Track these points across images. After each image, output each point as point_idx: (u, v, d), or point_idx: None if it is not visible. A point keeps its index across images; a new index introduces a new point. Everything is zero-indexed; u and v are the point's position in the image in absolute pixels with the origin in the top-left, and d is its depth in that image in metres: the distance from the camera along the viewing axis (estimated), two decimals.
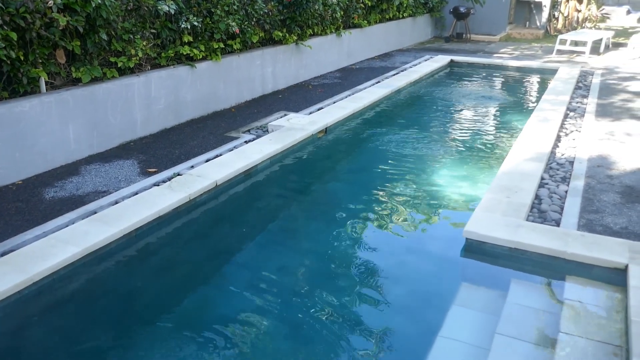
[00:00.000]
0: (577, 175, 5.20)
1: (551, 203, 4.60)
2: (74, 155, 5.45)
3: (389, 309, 3.54)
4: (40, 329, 3.23)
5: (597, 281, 3.58)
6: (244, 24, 7.46)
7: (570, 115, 7.41)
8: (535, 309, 3.40)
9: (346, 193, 5.36)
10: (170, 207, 4.42)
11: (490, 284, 3.78)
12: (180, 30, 6.56)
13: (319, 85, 9.15)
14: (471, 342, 3.20)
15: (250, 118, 7.14)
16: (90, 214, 4.27)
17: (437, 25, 15.79)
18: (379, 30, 12.21)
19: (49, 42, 5.03)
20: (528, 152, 5.68)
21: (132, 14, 5.94)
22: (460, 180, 5.49)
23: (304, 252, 4.23)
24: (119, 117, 5.90)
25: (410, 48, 13.71)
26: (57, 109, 5.19)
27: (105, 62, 5.81)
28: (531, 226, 4.08)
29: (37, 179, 5.02)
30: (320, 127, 6.61)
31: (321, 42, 9.84)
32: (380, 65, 11.18)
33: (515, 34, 15.97)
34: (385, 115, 7.89)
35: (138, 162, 5.50)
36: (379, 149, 6.46)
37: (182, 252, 4.18)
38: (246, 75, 7.88)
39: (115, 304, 3.51)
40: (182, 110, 6.80)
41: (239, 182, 5.19)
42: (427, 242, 4.45)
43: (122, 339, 3.18)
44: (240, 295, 3.62)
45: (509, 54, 12.82)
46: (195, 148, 5.93)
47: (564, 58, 12.19)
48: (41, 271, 3.42)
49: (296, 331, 3.30)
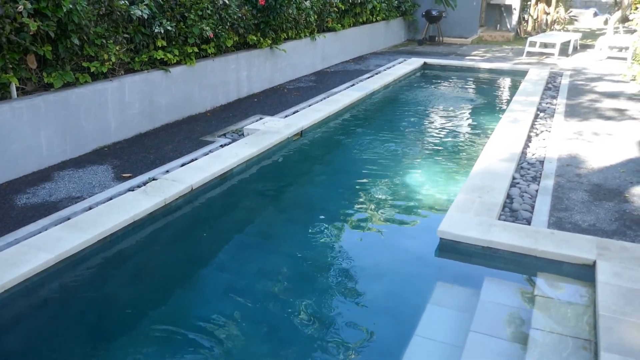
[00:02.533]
0: (547, 175, 5.33)
1: (522, 202, 4.71)
2: (47, 161, 5.38)
3: (365, 310, 3.57)
4: (11, 336, 3.19)
5: (567, 277, 3.68)
6: (218, 28, 7.45)
7: (540, 116, 7.58)
8: (508, 306, 3.48)
9: (321, 195, 5.39)
10: (146, 212, 4.40)
11: (464, 282, 3.85)
12: (153, 35, 6.53)
13: (294, 89, 9.19)
14: (446, 340, 3.26)
15: (225, 122, 7.13)
16: (63, 220, 4.22)
17: (410, 28, 15.98)
18: (353, 33, 12.30)
19: (19, 47, 4.96)
20: (500, 152, 5.80)
21: (105, 18, 5.89)
22: (434, 181, 5.57)
23: (278, 254, 4.25)
24: (93, 123, 5.84)
25: (385, 51, 13.85)
26: (28, 115, 5.11)
27: (78, 67, 5.75)
28: (503, 225, 4.17)
29: (9, 185, 4.94)
30: (295, 130, 6.64)
31: (296, 46, 9.88)
32: (354, 68, 11.27)
33: (487, 37, 16.25)
34: (360, 117, 7.96)
35: (112, 167, 5.45)
36: (354, 151, 6.52)
37: (157, 256, 4.17)
38: (221, 79, 7.87)
39: (89, 310, 3.47)
40: (157, 114, 6.76)
41: (215, 186, 5.19)
42: (402, 242, 4.51)
43: (96, 346, 3.16)
44: (215, 299, 3.62)
45: (481, 56, 13.04)
46: (171, 152, 5.90)
47: (534, 60, 12.45)
48: (13, 278, 3.37)
49: (271, 334, 3.31)
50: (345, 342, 3.24)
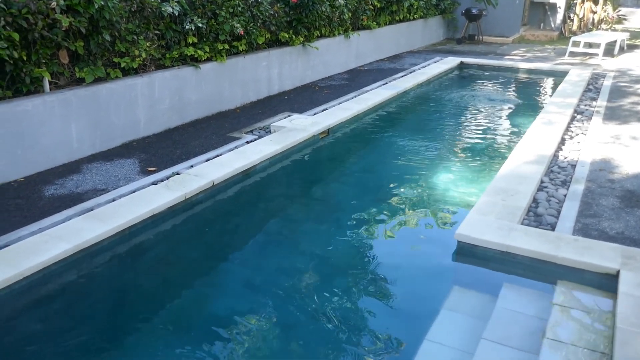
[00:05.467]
0: (578, 179, 5.14)
1: (548, 207, 4.55)
2: (76, 154, 5.53)
3: (378, 311, 3.54)
4: (28, 322, 3.29)
5: (587, 286, 3.53)
6: (250, 25, 7.50)
7: (577, 118, 7.32)
8: (524, 314, 3.36)
9: (342, 194, 5.36)
10: (166, 206, 4.46)
11: (480, 287, 3.75)
12: (184, 32, 6.62)
13: (326, 87, 9.16)
14: (457, 346, 3.18)
15: (254, 119, 7.18)
16: (86, 211, 4.33)
17: (449, 26, 15.71)
18: (389, 31, 12.18)
19: (51, 42, 5.11)
20: (529, 155, 5.62)
21: (136, 15, 6.02)
22: (459, 183, 5.45)
23: (296, 252, 4.25)
24: (122, 117, 5.97)
25: (421, 50, 13.66)
26: (59, 109, 5.27)
27: (109, 62, 5.88)
28: (524, 230, 4.04)
29: (39, 176, 5.10)
30: (322, 128, 6.61)
31: (329, 44, 9.85)
32: (389, 67, 11.15)
33: (529, 36, 15.82)
34: (390, 117, 7.87)
35: (139, 161, 5.56)
36: (380, 150, 6.45)
37: (174, 250, 4.23)
38: (252, 76, 7.92)
39: (104, 299, 3.56)
40: (187, 110, 6.86)
41: (237, 182, 5.22)
42: (420, 244, 4.43)
43: (107, 334, 3.22)
44: (230, 294, 3.65)
45: (521, 56, 12.69)
46: (197, 148, 5.98)
47: (577, 60, 12.04)
48: (32, 266, 3.47)
49: (285, 331, 3.32)
50: (356, 342, 3.22)
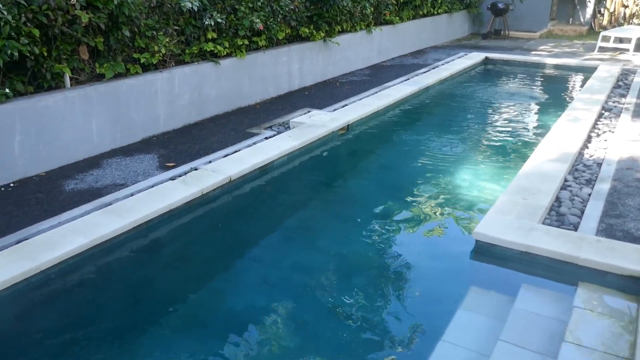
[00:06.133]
0: (604, 178, 4.98)
1: (571, 206, 4.42)
2: (97, 149, 5.59)
3: (394, 310, 3.49)
4: (45, 315, 3.33)
5: (610, 289, 3.42)
6: (270, 20, 7.48)
7: (604, 115, 7.12)
8: (543, 316, 3.27)
9: (360, 191, 5.30)
10: (182, 201, 4.47)
11: (498, 288, 3.66)
12: (204, 27, 6.63)
13: (347, 82, 9.10)
14: (473, 347, 3.11)
15: (273, 114, 7.16)
16: (104, 206, 4.36)
17: (474, 21, 15.45)
18: (412, 26, 12.03)
19: (72, 38, 5.16)
20: (552, 152, 5.47)
21: (156, 10, 6.04)
22: (479, 181, 5.35)
23: (312, 248, 4.21)
24: (142, 113, 6.01)
25: (446, 45, 13.47)
26: (80, 104, 5.32)
27: (129, 58, 5.92)
28: (545, 229, 3.92)
29: (60, 171, 5.17)
30: (341, 124, 6.56)
31: (350, 39, 9.77)
32: (412, 62, 11.02)
33: (557, 31, 15.47)
34: (410, 113, 7.77)
35: (158, 156, 5.59)
36: (399, 147, 6.37)
37: (190, 245, 4.23)
38: (272, 71, 7.90)
39: (120, 294, 3.58)
40: (206, 106, 6.87)
41: (254, 178, 5.20)
42: (438, 243, 4.36)
43: (123, 328, 3.24)
44: (248, 290, 3.64)
45: (548, 51, 12.42)
46: (215, 144, 5.98)
47: (606, 56, 11.72)
48: (49, 260, 3.51)
49: (300, 328, 3.29)
50: (371, 341, 3.19)
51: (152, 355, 3.01)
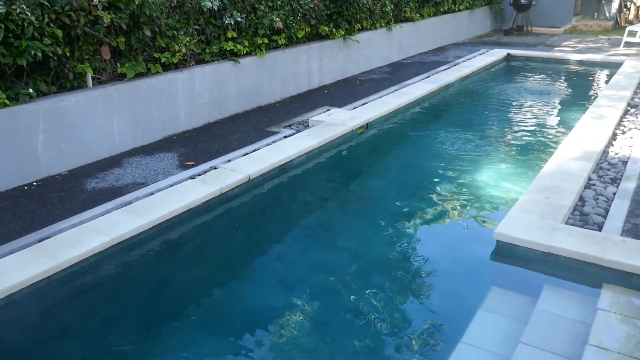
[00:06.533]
0: (629, 176, 4.87)
1: (595, 205, 4.33)
2: (118, 148, 5.65)
3: (414, 311, 3.46)
4: (66, 313, 3.37)
5: (636, 291, 3.33)
6: (289, 19, 7.47)
7: (630, 112, 6.96)
8: (565, 318, 3.20)
9: (380, 190, 5.26)
10: (201, 200, 4.49)
11: (520, 289, 3.60)
12: (224, 26, 6.66)
13: (367, 80, 9.05)
14: (493, 349, 3.06)
15: (293, 113, 7.15)
16: (125, 205, 4.40)
17: (496, 17, 15.25)
18: (433, 23, 11.92)
19: (94, 39, 5.22)
20: (576, 150, 5.37)
21: (176, 10, 6.08)
22: (501, 180, 5.27)
23: (331, 247, 4.20)
24: (163, 112, 6.06)
25: (467, 42, 13.31)
26: (102, 103, 5.39)
27: (150, 57, 5.97)
28: (568, 229, 3.85)
29: (82, 170, 5.24)
30: (360, 123, 6.53)
31: (370, 37, 9.71)
32: (432, 59, 10.92)
33: (582, 26, 15.18)
34: (430, 111, 7.70)
35: (178, 155, 5.62)
36: (419, 145, 6.31)
37: (209, 244, 4.25)
38: (291, 70, 7.90)
39: (139, 292, 3.61)
40: (226, 104, 6.90)
41: (273, 177, 5.21)
42: (459, 243, 4.31)
43: (142, 326, 3.27)
44: (267, 290, 3.64)
45: (572, 47, 12.19)
46: (235, 142, 6.00)
47: (633, 51, 11.46)
48: (70, 258, 3.56)
49: (318, 328, 3.28)
50: (390, 342, 3.16)
51: (172, 353, 3.03)
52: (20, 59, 4.59)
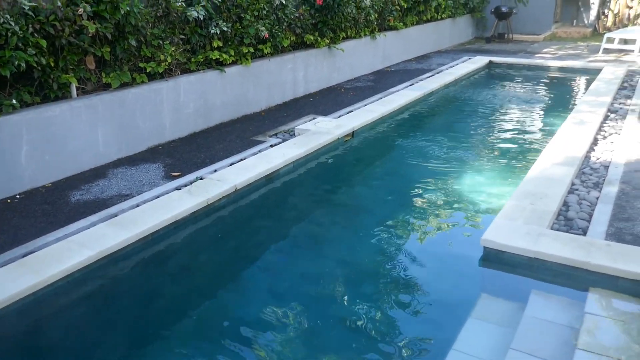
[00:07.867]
0: (611, 181, 4.95)
1: (579, 210, 4.39)
2: (103, 159, 5.59)
3: (403, 319, 3.46)
4: (52, 329, 3.32)
5: (622, 294, 3.38)
6: (275, 28, 7.49)
7: (610, 117, 7.08)
8: (554, 323, 3.24)
9: (366, 198, 5.28)
10: (188, 212, 4.46)
11: (508, 295, 3.63)
12: (210, 36, 6.65)
13: (352, 89, 9.09)
14: (484, 356, 3.08)
15: (278, 122, 7.15)
16: (110, 217, 4.36)
17: (478, 25, 15.44)
18: (416, 32, 12.03)
19: (78, 48, 5.18)
20: (559, 156, 5.44)
21: (162, 20, 6.06)
22: (486, 186, 5.32)
23: (319, 257, 4.19)
24: (148, 122, 6.02)
25: (450, 49, 13.46)
26: (86, 114, 5.34)
27: (135, 67, 5.94)
28: (554, 235, 3.89)
29: (66, 181, 5.17)
30: (346, 131, 6.55)
31: (355, 45, 9.77)
32: (416, 67, 11.01)
33: (561, 33, 15.43)
34: (414, 118, 7.75)
35: (164, 165, 5.59)
36: (404, 153, 6.35)
37: (196, 256, 4.22)
38: (277, 79, 7.91)
39: (127, 306, 3.56)
40: (212, 114, 6.88)
41: (259, 187, 5.19)
42: (445, 250, 4.33)
43: (130, 341, 3.23)
44: (255, 301, 3.62)
45: (552, 53, 12.38)
46: (221, 152, 5.98)
47: (611, 57, 11.68)
48: (55, 273, 3.50)
49: (308, 338, 3.27)
50: (380, 350, 3.15)
51: None
52: (3, 70, 4.53)
